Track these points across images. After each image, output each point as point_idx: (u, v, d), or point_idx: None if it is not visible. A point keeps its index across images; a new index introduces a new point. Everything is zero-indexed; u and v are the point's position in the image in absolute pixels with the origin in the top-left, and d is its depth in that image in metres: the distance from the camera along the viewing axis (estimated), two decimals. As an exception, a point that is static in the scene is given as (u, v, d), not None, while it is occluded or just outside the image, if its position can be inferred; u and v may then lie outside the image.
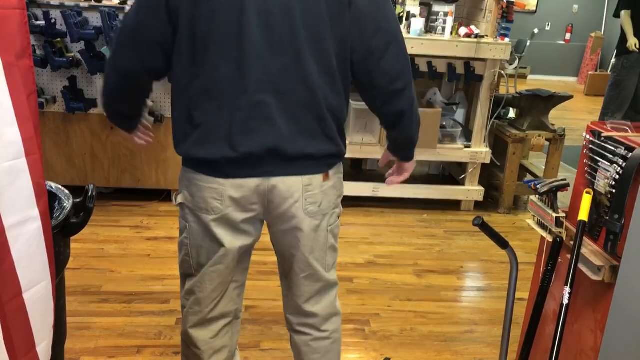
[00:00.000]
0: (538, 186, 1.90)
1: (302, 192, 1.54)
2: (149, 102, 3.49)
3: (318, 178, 1.56)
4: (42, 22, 3.20)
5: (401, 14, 3.81)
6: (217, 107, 1.45)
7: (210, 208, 1.52)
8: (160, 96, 3.49)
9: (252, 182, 1.50)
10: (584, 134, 1.85)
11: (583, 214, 1.77)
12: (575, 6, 10.12)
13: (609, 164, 1.72)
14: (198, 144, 1.48)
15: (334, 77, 1.50)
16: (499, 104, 3.92)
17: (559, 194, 1.93)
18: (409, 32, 3.69)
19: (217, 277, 1.61)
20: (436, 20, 3.78)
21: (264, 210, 1.56)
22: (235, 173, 1.49)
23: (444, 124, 3.97)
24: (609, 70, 8.76)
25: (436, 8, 3.79)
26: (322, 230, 1.63)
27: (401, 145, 1.75)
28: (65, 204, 1.72)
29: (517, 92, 4.16)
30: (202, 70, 1.44)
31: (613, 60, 6.44)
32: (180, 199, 1.59)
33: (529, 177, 4.28)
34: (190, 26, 1.41)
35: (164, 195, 3.74)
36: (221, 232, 1.54)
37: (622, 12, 5.39)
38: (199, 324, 1.68)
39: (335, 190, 1.62)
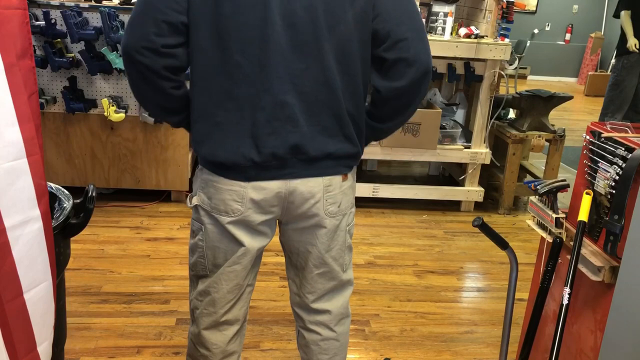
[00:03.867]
0: (538, 187, 1.91)
1: (322, 193, 1.54)
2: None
3: (338, 179, 1.57)
4: (42, 22, 3.20)
5: (401, 15, 3.81)
6: (238, 106, 1.43)
7: (230, 210, 1.51)
8: (161, 96, 3.48)
9: (273, 185, 1.50)
10: (584, 134, 1.86)
11: (583, 215, 1.77)
12: (575, 6, 10.13)
13: (608, 164, 1.72)
14: (220, 145, 1.46)
15: (354, 77, 1.50)
16: (499, 104, 3.92)
17: (559, 195, 1.93)
18: (409, 33, 3.69)
19: (234, 278, 1.61)
20: (436, 20, 3.78)
21: (283, 211, 1.56)
22: (257, 175, 1.48)
23: (444, 124, 3.98)
24: (609, 71, 8.77)
25: (436, 8, 3.79)
26: (342, 230, 1.64)
27: (382, 135, 1.76)
28: (65, 205, 1.72)
29: (517, 93, 4.17)
30: (223, 70, 1.42)
31: (613, 60, 6.45)
32: (195, 201, 1.57)
33: (528, 178, 4.28)
34: (211, 24, 1.39)
35: (164, 196, 3.74)
36: (240, 233, 1.54)
37: (622, 13, 5.39)
38: (212, 325, 1.67)
39: (352, 190, 1.65)
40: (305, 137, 1.46)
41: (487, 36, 3.79)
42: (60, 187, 1.80)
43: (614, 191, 1.69)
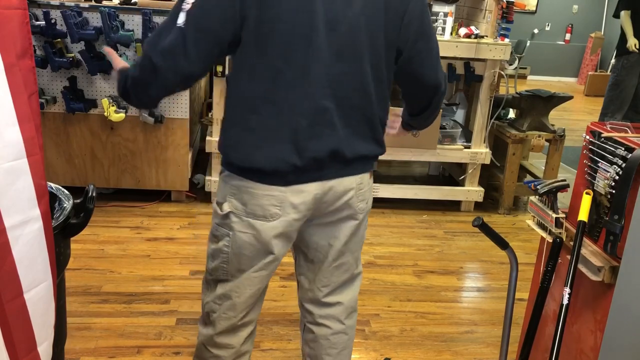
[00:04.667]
0: (538, 187, 1.91)
1: (355, 190, 1.60)
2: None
3: (367, 176, 1.64)
4: (42, 22, 3.20)
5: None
6: (276, 112, 1.43)
7: (269, 215, 1.51)
8: (161, 96, 3.48)
9: (312, 187, 1.52)
10: (584, 134, 1.86)
11: (583, 215, 1.77)
12: (575, 6, 10.13)
13: (608, 164, 1.72)
14: (256, 151, 1.46)
15: (383, 82, 1.55)
16: (498, 104, 3.92)
17: (559, 195, 1.93)
18: (409, 33, 3.69)
19: (258, 283, 1.61)
20: (436, 20, 3.78)
21: (315, 210, 1.58)
22: (297, 179, 1.50)
23: (444, 124, 3.98)
24: (608, 71, 8.77)
25: (436, 8, 3.79)
26: (363, 225, 1.70)
27: (423, 123, 1.82)
28: (65, 205, 1.72)
29: (517, 93, 4.17)
30: (262, 75, 1.41)
31: (613, 60, 6.45)
32: (227, 207, 1.53)
33: (528, 178, 4.28)
34: (252, 32, 1.38)
35: (164, 196, 3.74)
36: (276, 241, 1.55)
37: (622, 12, 5.39)
38: (229, 330, 1.67)
39: (371, 186, 1.71)
40: (342, 140, 1.50)
41: (487, 36, 3.80)
42: (60, 187, 1.80)
43: (614, 191, 1.69)
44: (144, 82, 1.44)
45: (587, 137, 1.84)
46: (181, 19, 1.37)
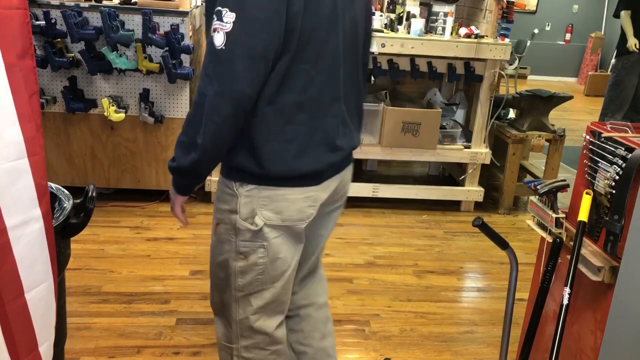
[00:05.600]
0: (538, 187, 1.91)
1: (350, 177, 1.71)
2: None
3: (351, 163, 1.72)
4: (42, 22, 3.20)
5: (401, 14, 3.81)
6: (309, 117, 1.43)
7: (306, 217, 1.52)
8: (161, 96, 3.49)
9: (335, 181, 1.59)
10: (584, 134, 1.86)
11: (583, 215, 1.77)
12: (575, 6, 10.12)
13: (608, 164, 1.72)
14: (298, 159, 1.44)
15: (365, 74, 1.67)
16: (498, 104, 3.92)
17: (559, 195, 1.93)
18: (409, 32, 3.70)
19: (294, 271, 1.65)
20: (436, 20, 3.79)
21: (326, 202, 1.62)
22: (328, 176, 1.56)
23: (444, 124, 3.98)
24: (609, 71, 8.76)
25: (436, 8, 3.80)
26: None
27: None
28: (65, 205, 1.72)
29: (517, 93, 4.17)
30: (294, 84, 1.38)
31: (613, 60, 6.44)
32: (260, 221, 1.48)
33: (528, 178, 4.28)
34: (295, 40, 1.34)
35: (164, 196, 3.74)
36: (303, 237, 1.60)
37: (622, 12, 5.39)
38: (280, 324, 1.69)
39: None
40: (353, 136, 1.61)
41: (487, 36, 3.80)
42: (61, 187, 1.80)
43: (614, 191, 1.69)
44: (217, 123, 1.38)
45: (587, 137, 1.84)
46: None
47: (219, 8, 1.28)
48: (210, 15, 1.32)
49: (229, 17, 1.27)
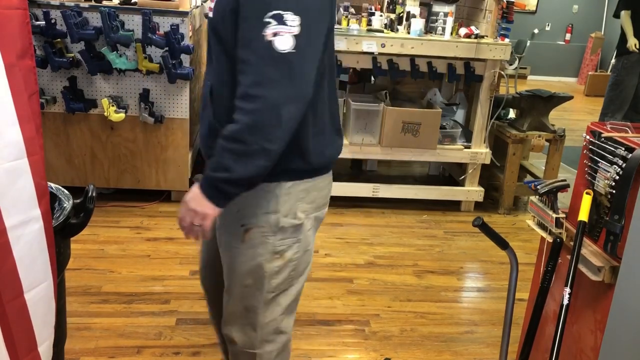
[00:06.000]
0: (538, 187, 1.91)
1: None
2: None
3: None
4: (42, 22, 3.20)
5: (401, 14, 3.81)
6: (326, 109, 1.52)
7: (327, 201, 1.61)
8: (160, 96, 3.49)
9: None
10: (584, 134, 1.86)
11: (583, 215, 1.77)
12: (575, 6, 10.12)
13: (608, 164, 1.72)
14: (329, 147, 1.54)
15: None
16: (499, 104, 3.92)
17: (559, 195, 1.93)
18: (409, 33, 3.70)
19: None
20: (436, 20, 3.79)
21: None
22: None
23: (444, 124, 3.97)
24: (609, 71, 8.76)
25: (436, 8, 3.80)
26: None
27: None
28: (65, 205, 1.72)
29: (517, 93, 4.17)
30: (318, 79, 1.40)
31: (613, 60, 6.45)
32: (302, 215, 1.51)
33: (529, 178, 4.28)
34: (326, 41, 1.43)
35: (164, 196, 3.74)
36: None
37: (622, 12, 5.39)
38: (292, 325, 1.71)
39: None
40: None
41: (487, 36, 3.80)
42: (60, 187, 1.80)
43: (614, 191, 1.69)
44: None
45: (587, 137, 1.84)
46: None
47: (278, 12, 1.23)
48: (249, 20, 1.26)
49: (294, 20, 1.24)
